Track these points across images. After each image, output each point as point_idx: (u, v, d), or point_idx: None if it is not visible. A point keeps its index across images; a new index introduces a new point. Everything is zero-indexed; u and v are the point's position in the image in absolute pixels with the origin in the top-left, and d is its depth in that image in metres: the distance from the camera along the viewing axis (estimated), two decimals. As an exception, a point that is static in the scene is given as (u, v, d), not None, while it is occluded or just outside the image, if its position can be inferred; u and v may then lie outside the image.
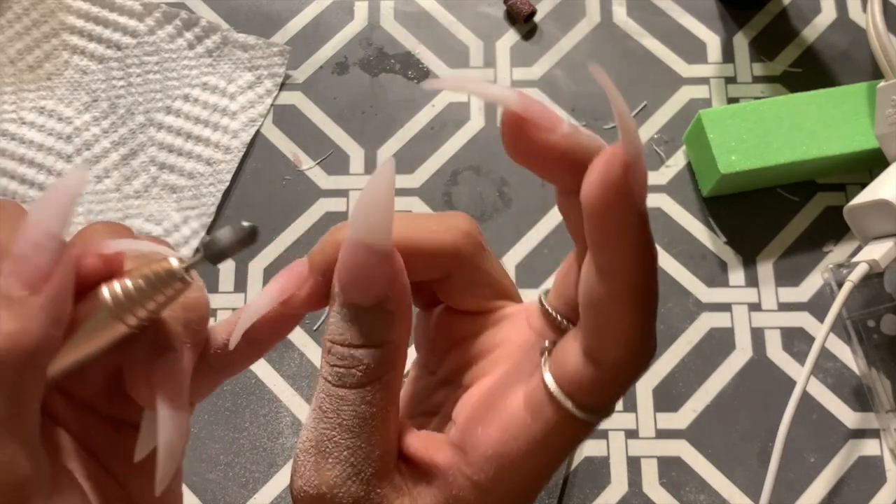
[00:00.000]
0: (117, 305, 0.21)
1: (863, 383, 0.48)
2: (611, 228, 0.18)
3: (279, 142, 0.54)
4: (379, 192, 0.20)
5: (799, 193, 0.52)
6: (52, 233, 0.20)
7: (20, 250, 0.20)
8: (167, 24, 0.56)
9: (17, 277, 0.19)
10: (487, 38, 0.56)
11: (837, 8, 0.56)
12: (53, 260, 0.20)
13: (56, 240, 0.20)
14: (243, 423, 0.48)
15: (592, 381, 0.19)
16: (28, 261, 0.20)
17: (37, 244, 0.20)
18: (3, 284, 0.19)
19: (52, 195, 0.21)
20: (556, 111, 0.21)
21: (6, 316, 0.19)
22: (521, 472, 0.20)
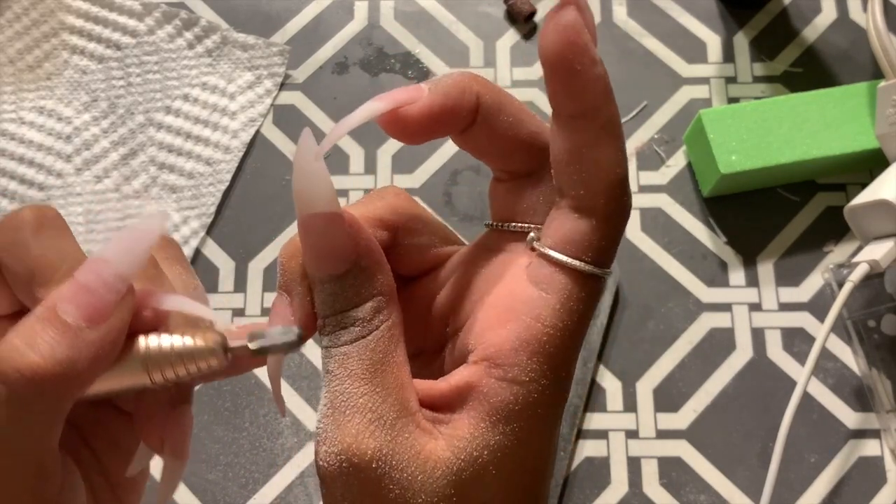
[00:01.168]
0: (151, 362, 0.21)
1: (863, 383, 0.48)
2: (578, 70, 0.21)
3: (279, 142, 0.54)
4: (307, 164, 0.20)
5: (799, 193, 0.52)
6: (123, 276, 0.20)
7: (87, 280, 0.20)
8: (167, 24, 0.55)
9: (77, 306, 0.20)
10: (487, 37, 0.56)
11: (838, 8, 0.56)
12: (116, 301, 0.20)
13: (125, 283, 0.20)
14: (243, 424, 0.48)
15: (592, 231, 0.21)
16: (92, 294, 0.20)
17: (105, 282, 0.20)
18: (61, 308, 0.20)
19: (132, 236, 0.21)
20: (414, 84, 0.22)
21: (60, 341, 0.19)
22: (552, 349, 0.20)
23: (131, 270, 0.21)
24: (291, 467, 0.47)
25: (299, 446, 0.48)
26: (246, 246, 0.52)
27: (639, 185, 0.52)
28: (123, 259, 0.20)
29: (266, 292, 0.51)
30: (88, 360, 0.20)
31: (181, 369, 0.22)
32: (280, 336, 0.22)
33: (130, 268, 0.21)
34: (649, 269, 0.51)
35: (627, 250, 0.51)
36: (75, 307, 0.20)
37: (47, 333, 0.19)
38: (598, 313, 0.47)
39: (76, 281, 0.20)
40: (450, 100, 0.21)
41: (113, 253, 0.21)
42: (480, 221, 0.52)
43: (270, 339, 0.22)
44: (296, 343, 0.22)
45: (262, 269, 0.51)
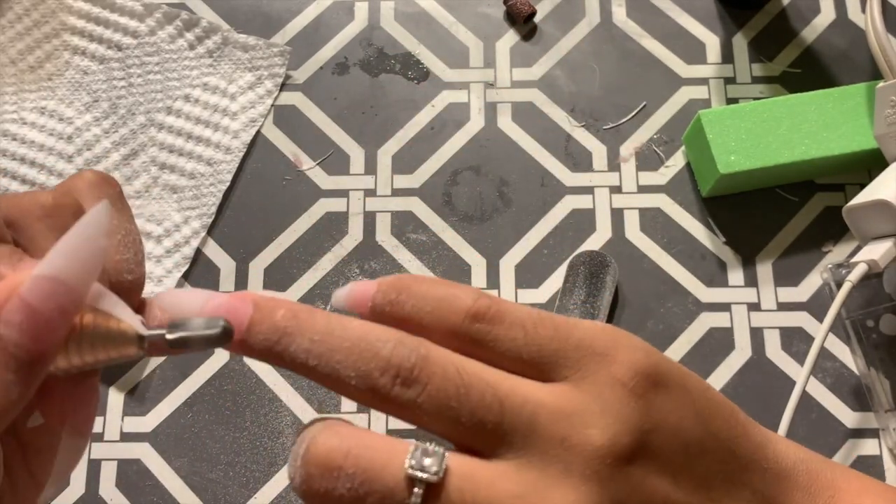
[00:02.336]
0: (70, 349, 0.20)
1: (862, 383, 0.48)
2: None
3: (279, 142, 0.54)
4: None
5: (798, 193, 0.52)
6: (78, 301, 0.19)
7: (41, 306, 0.19)
8: (168, 25, 0.56)
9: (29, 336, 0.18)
10: (487, 38, 0.56)
11: (836, 8, 0.56)
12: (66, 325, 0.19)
13: (78, 306, 0.19)
14: (244, 423, 0.48)
15: None
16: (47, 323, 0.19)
17: (61, 308, 0.19)
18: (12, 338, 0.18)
19: (83, 248, 0.19)
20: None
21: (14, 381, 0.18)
22: None
23: (87, 287, 0.19)
24: (292, 466, 0.47)
25: (300, 446, 0.48)
26: (246, 246, 0.52)
27: (638, 185, 0.52)
28: (79, 277, 0.19)
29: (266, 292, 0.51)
30: (34, 385, 0.19)
31: (92, 356, 0.20)
32: (202, 328, 0.20)
33: (86, 286, 0.19)
34: (648, 268, 0.51)
35: (627, 250, 0.51)
36: (28, 338, 0.18)
37: (3, 374, 0.18)
38: (598, 312, 0.47)
39: (25, 303, 0.18)
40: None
41: (66, 270, 0.19)
42: (480, 221, 0.52)
43: (191, 330, 0.20)
44: (219, 338, 0.20)
45: (263, 268, 0.51)
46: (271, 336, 0.21)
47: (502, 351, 0.21)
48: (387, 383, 0.20)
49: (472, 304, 0.21)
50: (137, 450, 0.48)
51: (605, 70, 0.55)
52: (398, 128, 0.54)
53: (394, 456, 0.20)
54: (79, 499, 0.47)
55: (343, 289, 0.23)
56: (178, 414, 0.49)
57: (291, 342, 0.21)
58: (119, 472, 0.47)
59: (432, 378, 0.20)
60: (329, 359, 0.21)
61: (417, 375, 0.20)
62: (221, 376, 0.49)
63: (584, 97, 0.54)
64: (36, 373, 0.19)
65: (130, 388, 0.49)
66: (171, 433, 0.48)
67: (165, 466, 0.47)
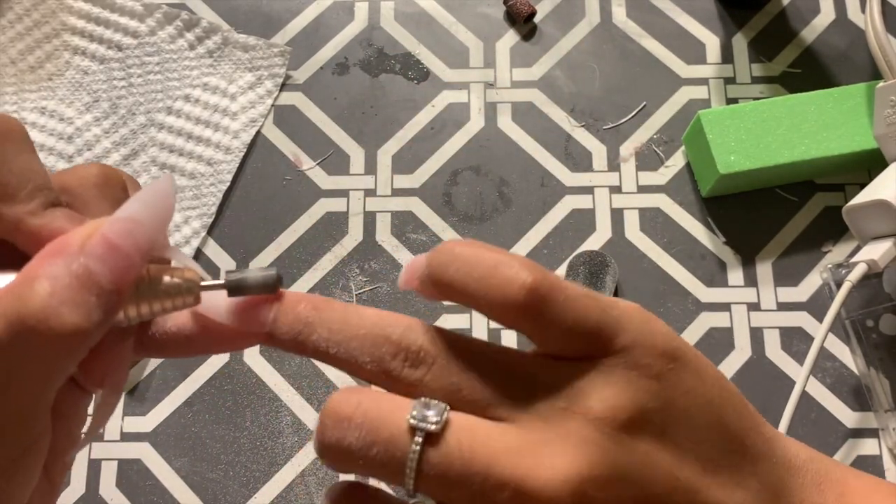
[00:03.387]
0: (129, 298, 0.21)
1: (862, 383, 0.48)
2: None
3: (279, 142, 0.54)
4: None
5: (798, 193, 0.52)
6: (153, 240, 0.20)
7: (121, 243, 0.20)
8: (168, 25, 0.56)
9: (110, 270, 0.19)
10: (487, 38, 0.56)
11: (836, 8, 0.56)
12: (142, 265, 0.20)
13: (152, 247, 0.20)
14: (244, 423, 0.48)
15: None
16: (125, 258, 0.20)
17: (138, 246, 0.20)
18: (94, 268, 0.19)
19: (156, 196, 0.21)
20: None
21: (97, 304, 0.19)
22: None
23: (159, 235, 0.20)
24: (292, 466, 0.47)
25: (300, 445, 0.48)
26: (247, 246, 0.52)
27: (638, 185, 0.52)
28: (155, 223, 0.20)
29: (267, 292, 0.51)
30: (109, 322, 0.20)
31: (157, 305, 0.21)
32: (258, 277, 0.22)
33: (159, 233, 0.20)
34: (648, 268, 0.51)
35: (627, 250, 0.51)
36: (108, 270, 0.19)
37: (86, 293, 0.19)
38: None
39: (107, 239, 0.20)
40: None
41: (145, 215, 0.20)
42: (480, 221, 0.52)
43: (248, 278, 0.22)
44: (273, 285, 0.22)
45: (263, 268, 0.51)
46: (295, 326, 0.22)
47: (549, 331, 0.22)
48: (397, 366, 0.22)
49: (527, 278, 0.21)
50: (138, 450, 0.48)
51: (604, 70, 0.55)
52: (398, 128, 0.54)
53: (399, 408, 0.21)
54: (79, 498, 0.47)
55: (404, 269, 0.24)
56: (178, 414, 0.49)
57: (313, 332, 0.22)
58: (119, 471, 0.47)
59: (437, 359, 0.22)
60: (347, 346, 0.22)
61: (423, 356, 0.22)
62: (221, 376, 0.49)
63: (584, 97, 0.54)
64: (113, 304, 0.19)
65: (131, 388, 0.49)
66: (172, 433, 0.48)
67: (166, 466, 0.48)
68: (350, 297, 0.50)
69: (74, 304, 0.19)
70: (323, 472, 0.47)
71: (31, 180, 0.21)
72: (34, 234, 0.21)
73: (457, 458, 0.20)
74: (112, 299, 0.19)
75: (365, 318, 0.22)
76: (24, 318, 0.18)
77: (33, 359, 0.18)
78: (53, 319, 0.18)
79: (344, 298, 0.51)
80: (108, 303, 0.19)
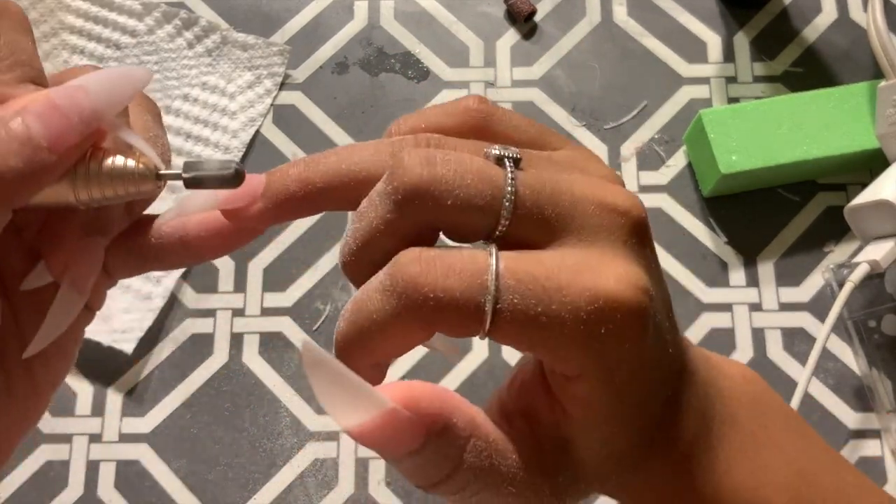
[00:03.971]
0: (80, 178, 0.21)
1: (864, 384, 0.48)
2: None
3: (279, 142, 0.54)
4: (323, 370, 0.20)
5: (799, 193, 0.52)
6: (98, 112, 0.20)
7: (63, 104, 0.19)
8: (166, 24, 0.55)
9: (45, 126, 0.19)
10: (487, 37, 0.56)
11: (838, 7, 0.56)
12: (83, 134, 0.20)
13: (97, 120, 0.20)
14: (243, 424, 0.48)
15: None
16: (64, 119, 0.19)
17: (80, 112, 0.19)
18: (28, 120, 0.19)
19: (118, 75, 0.20)
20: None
21: (17, 152, 0.19)
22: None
23: (108, 109, 0.20)
24: (291, 468, 0.47)
25: (299, 446, 0.48)
26: (246, 245, 0.51)
27: (639, 184, 0.52)
28: (104, 95, 0.20)
29: (266, 292, 0.51)
30: (34, 180, 0.19)
31: (109, 190, 0.21)
32: (216, 168, 0.21)
33: (108, 106, 0.20)
34: (649, 269, 0.51)
35: (627, 250, 0.51)
36: (42, 125, 0.19)
37: (9, 140, 0.19)
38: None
39: (51, 100, 0.19)
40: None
41: (95, 85, 0.20)
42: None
43: (205, 169, 0.21)
44: (232, 178, 0.21)
45: (262, 268, 0.51)
46: (290, 185, 0.21)
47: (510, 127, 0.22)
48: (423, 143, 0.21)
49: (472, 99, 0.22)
50: (136, 451, 0.48)
51: (605, 69, 0.55)
52: (398, 127, 0.54)
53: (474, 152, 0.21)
54: (77, 500, 0.47)
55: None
56: (176, 415, 0.48)
57: (313, 175, 0.21)
58: (118, 473, 0.47)
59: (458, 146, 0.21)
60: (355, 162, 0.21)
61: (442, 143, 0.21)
62: (220, 377, 0.49)
63: (585, 96, 0.54)
64: (42, 161, 0.19)
65: (129, 388, 0.49)
66: (170, 434, 0.48)
67: (164, 467, 0.47)
68: (349, 297, 0.50)
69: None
70: (323, 473, 0.47)
71: (13, 54, 0.21)
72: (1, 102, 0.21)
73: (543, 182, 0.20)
74: (40, 154, 0.19)
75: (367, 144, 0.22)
76: None
77: None
78: None
79: (343, 299, 0.50)
80: (33, 155, 0.19)
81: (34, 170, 0.19)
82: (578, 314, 0.18)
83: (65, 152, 0.19)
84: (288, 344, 0.49)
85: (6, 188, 0.19)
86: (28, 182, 0.19)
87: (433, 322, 0.19)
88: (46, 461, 0.47)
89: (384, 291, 0.19)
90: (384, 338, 0.19)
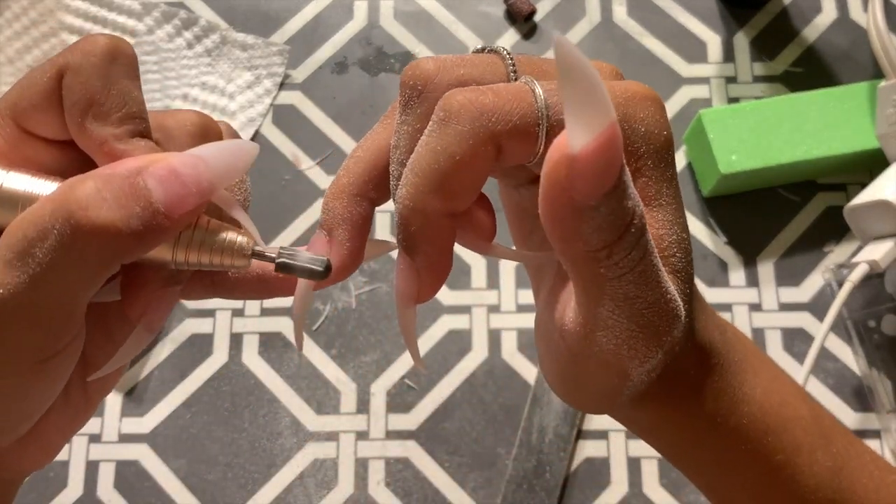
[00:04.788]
0: (181, 243, 0.21)
1: (863, 384, 0.48)
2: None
3: (278, 141, 0.53)
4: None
5: (799, 193, 0.52)
6: (214, 184, 0.20)
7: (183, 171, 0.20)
8: (166, 24, 0.55)
9: (164, 191, 0.20)
10: (487, 37, 0.56)
11: (838, 7, 0.56)
12: (198, 204, 0.20)
13: (212, 192, 0.20)
14: (242, 424, 0.48)
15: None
16: (183, 187, 0.20)
17: (199, 182, 0.20)
18: (150, 183, 0.20)
19: (235, 150, 0.21)
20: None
21: (139, 214, 0.19)
22: None
23: (223, 183, 0.21)
24: (291, 468, 0.47)
25: (299, 446, 0.48)
26: (245, 246, 0.51)
27: (639, 184, 0.52)
28: (221, 169, 0.21)
29: (265, 292, 0.50)
30: (147, 241, 0.20)
31: (206, 258, 0.22)
32: (308, 261, 0.22)
33: (223, 180, 0.21)
34: (649, 269, 0.51)
35: (627, 250, 0.51)
36: (163, 191, 0.20)
37: (132, 200, 0.19)
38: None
39: (172, 166, 0.20)
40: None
41: (214, 159, 0.21)
42: (480, 221, 0.52)
43: (298, 259, 0.22)
44: (321, 272, 0.22)
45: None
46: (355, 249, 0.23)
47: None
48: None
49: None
50: (136, 451, 0.48)
51: (605, 69, 0.54)
52: (398, 127, 0.54)
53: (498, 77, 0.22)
54: (77, 500, 0.47)
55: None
56: (176, 415, 0.48)
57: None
58: (117, 473, 0.47)
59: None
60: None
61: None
62: (220, 377, 0.49)
63: (585, 96, 0.54)
64: (158, 224, 0.20)
65: (129, 389, 0.49)
66: (170, 434, 0.48)
67: (164, 468, 0.47)
68: (349, 297, 0.50)
69: (118, 204, 0.19)
70: (322, 473, 0.47)
71: (126, 105, 0.22)
72: (114, 158, 0.21)
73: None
74: (157, 219, 0.20)
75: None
76: (68, 202, 0.19)
77: (72, 248, 0.19)
78: (93, 210, 0.19)
79: (343, 299, 0.50)
80: (152, 218, 0.19)
81: (150, 232, 0.20)
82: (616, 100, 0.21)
83: (178, 219, 0.20)
84: (287, 344, 0.49)
85: (122, 245, 0.19)
86: (142, 242, 0.20)
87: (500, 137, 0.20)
88: (46, 461, 0.47)
89: (442, 123, 0.20)
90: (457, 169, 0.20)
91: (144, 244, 0.20)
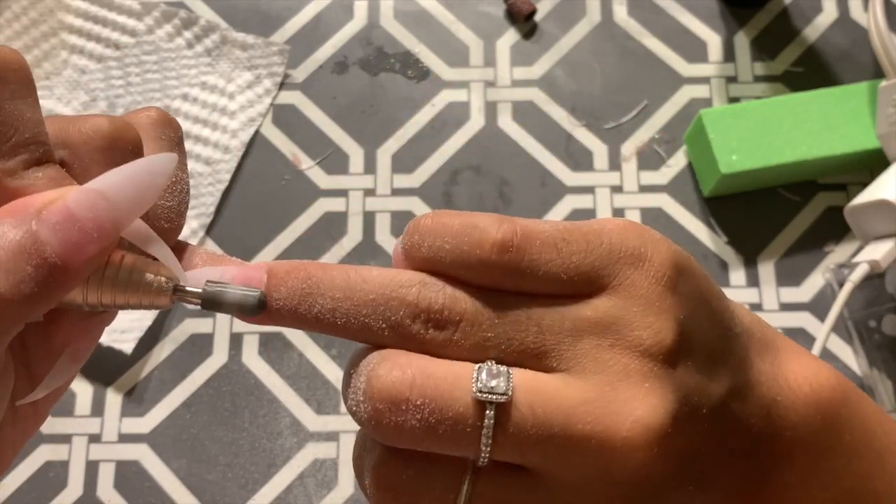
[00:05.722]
0: (92, 286, 0.20)
1: (864, 384, 0.48)
2: None
3: (278, 141, 0.53)
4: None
5: (800, 193, 0.52)
6: (119, 224, 0.19)
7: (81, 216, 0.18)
8: (166, 24, 0.55)
9: (60, 242, 0.18)
10: (487, 37, 0.56)
11: (839, 7, 0.56)
12: (102, 248, 0.18)
13: (118, 232, 0.19)
14: (242, 424, 0.48)
15: None
16: (82, 234, 0.18)
17: (100, 225, 0.18)
18: (43, 235, 0.18)
19: (140, 179, 0.19)
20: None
21: (33, 277, 0.18)
22: None
23: (130, 219, 0.19)
24: (291, 468, 0.47)
25: (299, 447, 0.48)
26: (245, 246, 0.51)
27: (639, 184, 0.52)
28: (126, 204, 0.18)
29: (265, 292, 0.50)
30: (50, 299, 0.18)
31: (121, 298, 0.20)
32: (238, 295, 0.20)
33: (129, 216, 0.19)
34: (649, 269, 0.50)
35: (628, 250, 0.51)
36: (58, 241, 0.18)
37: (22, 260, 0.18)
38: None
39: (67, 209, 0.18)
40: None
41: (116, 192, 0.18)
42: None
43: (228, 294, 0.20)
44: (254, 308, 0.20)
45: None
46: (290, 301, 0.21)
47: (539, 276, 0.20)
48: (420, 328, 0.20)
49: (496, 235, 0.20)
50: (136, 451, 0.48)
51: (605, 69, 0.54)
52: (398, 127, 0.54)
53: (459, 380, 0.19)
54: (76, 500, 0.47)
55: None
56: (176, 415, 0.48)
57: (314, 303, 0.20)
58: (117, 473, 0.47)
59: (464, 315, 0.20)
60: (357, 314, 0.20)
61: (449, 315, 0.20)
62: (220, 377, 0.49)
63: (585, 96, 0.54)
64: (56, 280, 0.18)
65: (129, 389, 0.49)
66: (170, 434, 0.48)
67: (164, 468, 0.47)
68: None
69: (5, 269, 0.17)
70: (322, 473, 0.47)
71: (16, 131, 0.19)
72: (9, 198, 0.19)
73: (531, 423, 0.19)
74: (55, 274, 0.18)
75: (371, 280, 0.20)
76: None
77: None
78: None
79: (343, 299, 0.50)
80: (48, 276, 0.18)
81: (47, 291, 0.18)
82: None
83: (79, 268, 0.18)
84: (287, 344, 0.49)
85: (18, 313, 0.18)
86: (42, 303, 0.18)
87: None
88: (46, 461, 0.47)
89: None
90: None
91: (45, 303, 0.18)
